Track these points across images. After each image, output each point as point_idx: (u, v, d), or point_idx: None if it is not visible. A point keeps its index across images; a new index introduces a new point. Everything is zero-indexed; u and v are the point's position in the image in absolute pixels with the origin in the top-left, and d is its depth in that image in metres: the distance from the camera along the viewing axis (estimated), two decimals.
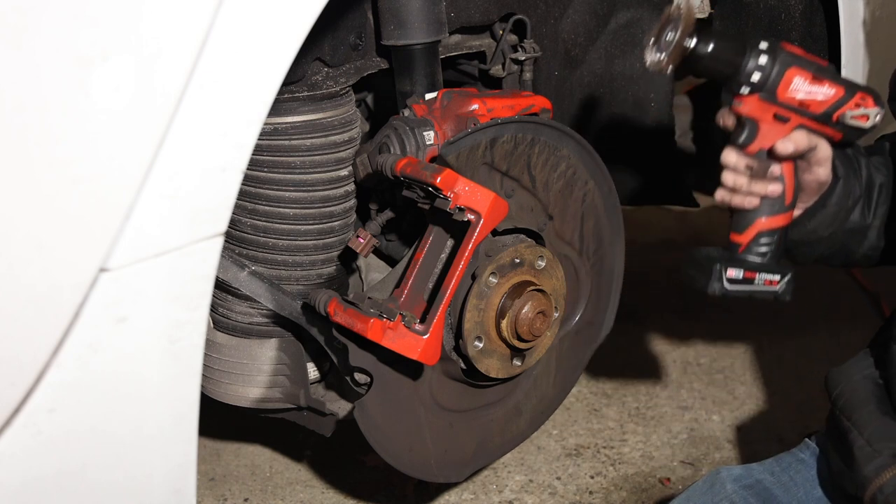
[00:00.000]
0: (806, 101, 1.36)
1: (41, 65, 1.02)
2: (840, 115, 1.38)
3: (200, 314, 1.22)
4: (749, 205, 1.42)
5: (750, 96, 1.35)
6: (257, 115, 1.20)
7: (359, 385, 1.65)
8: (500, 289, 1.61)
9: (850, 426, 1.50)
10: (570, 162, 1.73)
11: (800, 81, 1.34)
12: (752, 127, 1.38)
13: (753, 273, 1.44)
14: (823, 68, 1.37)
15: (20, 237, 1.06)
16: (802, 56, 1.36)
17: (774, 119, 1.37)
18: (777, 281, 1.46)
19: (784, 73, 1.33)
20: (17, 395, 1.10)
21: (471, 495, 2.28)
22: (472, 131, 1.57)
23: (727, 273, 1.43)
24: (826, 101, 1.37)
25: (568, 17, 1.96)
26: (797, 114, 1.37)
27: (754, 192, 1.41)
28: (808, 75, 1.35)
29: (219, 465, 2.45)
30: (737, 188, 1.42)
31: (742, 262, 1.44)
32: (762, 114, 1.36)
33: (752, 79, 1.33)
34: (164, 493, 1.29)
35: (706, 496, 1.61)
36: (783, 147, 1.38)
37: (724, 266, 1.43)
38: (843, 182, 1.50)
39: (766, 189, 1.41)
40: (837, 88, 1.37)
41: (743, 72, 1.33)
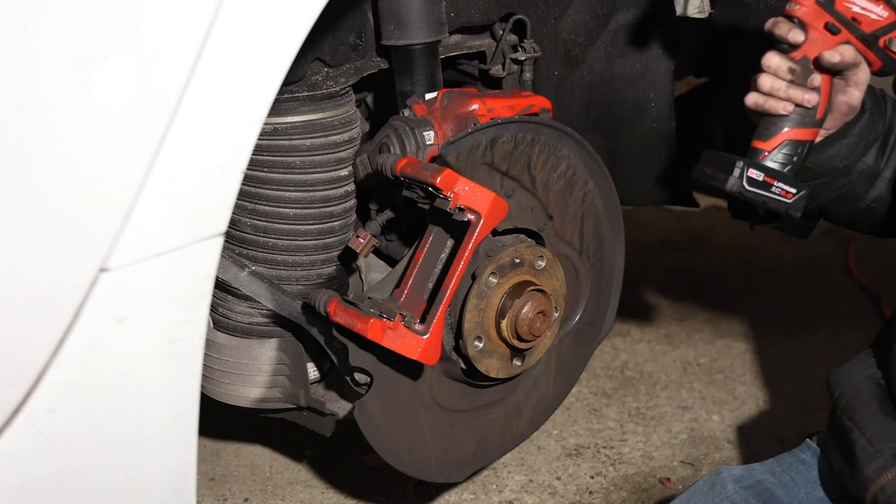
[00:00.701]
0: (859, 17, 1.36)
1: (41, 65, 1.02)
2: (887, 41, 1.39)
3: (200, 314, 1.22)
4: (783, 110, 1.42)
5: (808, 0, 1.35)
6: (257, 115, 1.20)
7: (359, 385, 1.65)
8: (500, 289, 1.61)
9: (851, 426, 1.50)
10: (570, 162, 1.73)
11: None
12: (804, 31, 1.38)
13: (772, 179, 1.45)
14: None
15: (20, 237, 1.06)
16: None
17: (825, 28, 1.37)
18: (792, 194, 1.46)
19: None
20: (17, 395, 1.10)
21: (471, 495, 2.28)
22: (472, 131, 1.57)
23: (748, 172, 1.43)
24: (878, 21, 1.37)
25: (568, 17, 1.96)
26: (848, 28, 1.37)
27: (791, 97, 1.41)
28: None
29: (219, 465, 2.45)
30: (773, 92, 1.42)
31: (762, 166, 1.45)
32: (815, 20, 1.37)
33: None
34: (164, 493, 1.29)
35: (707, 496, 1.61)
36: (830, 56, 1.38)
37: (747, 165, 1.43)
38: (869, 115, 1.50)
39: (802, 96, 1.41)
40: (891, 12, 1.38)
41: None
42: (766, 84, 1.43)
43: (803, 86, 1.41)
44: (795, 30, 1.39)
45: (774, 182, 1.45)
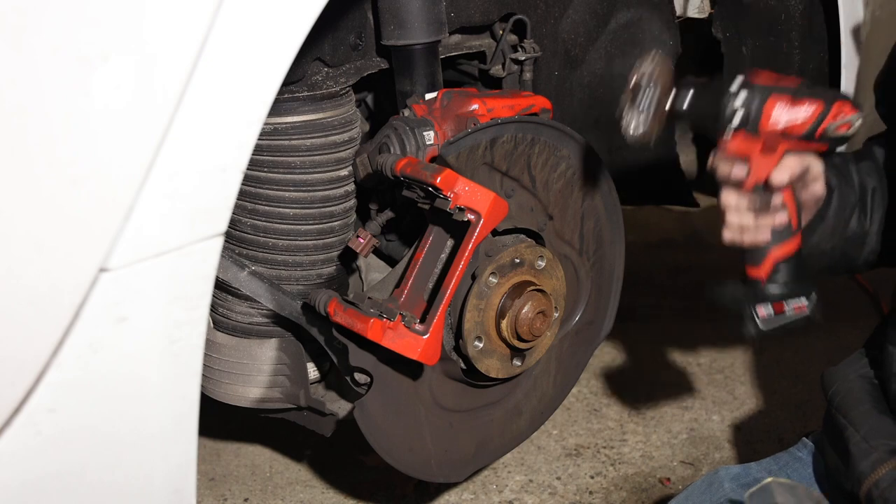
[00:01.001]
0: (789, 126, 1.36)
1: (41, 65, 1.02)
2: (823, 130, 1.38)
3: (200, 314, 1.22)
4: (762, 240, 1.42)
5: (736, 134, 1.34)
6: (257, 115, 1.20)
7: (359, 385, 1.65)
8: (500, 289, 1.61)
9: (846, 424, 1.51)
10: (570, 162, 1.73)
11: (780, 109, 1.34)
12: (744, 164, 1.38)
13: (782, 304, 1.44)
14: (798, 88, 1.36)
15: (20, 237, 1.06)
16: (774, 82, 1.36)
17: (763, 151, 1.37)
18: (805, 304, 1.47)
19: (764, 104, 1.33)
20: (17, 395, 1.10)
21: (471, 495, 2.28)
22: (472, 131, 1.57)
23: (758, 314, 1.44)
24: (808, 120, 1.36)
25: (568, 17, 1.96)
26: (783, 139, 1.37)
27: (762, 226, 1.41)
28: (787, 99, 1.34)
29: (219, 465, 2.45)
30: (744, 227, 1.42)
31: (768, 295, 1.44)
32: (751, 149, 1.36)
33: (735, 120, 1.33)
34: (164, 493, 1.29)
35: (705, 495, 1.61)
36: (779, 177, 1.38)
37: (753, 307, 1.43)
38: (838, 192, 1.51)
39: (773, 221, 1.41)
40: (816, 104, 1.37)
41: (726, 113, 1.32)
42: (733, 222, 1.43)
43: (768, 211, 1.41)
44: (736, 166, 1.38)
45: (785, 305, 1.45)
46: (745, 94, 1.32)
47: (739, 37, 2.11)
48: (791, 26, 2.05)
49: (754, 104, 1.32)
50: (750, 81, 1.33)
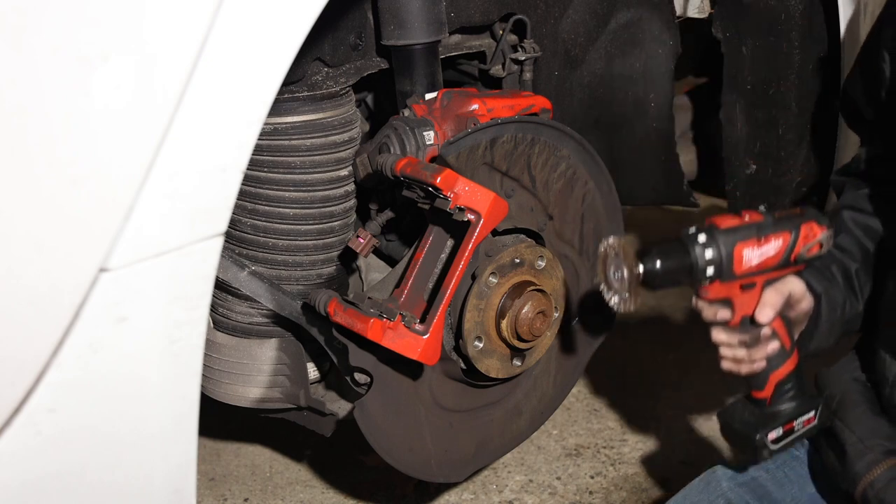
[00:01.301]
0: (762, 262, 1.37)
1: (41, 65, 1.02)
2: (796, 256, 1.40)
3: (200, 314, 1.22)
4: (758, 369, 1.45)
5: (711, 284, 1.37)
6: (257, 115, 1.20)
7: (359, 385, 1.65)
8: (500, 289, 1.61)
9: (842, 427, 1.52)
10: (570, 162, 1.73)
11: (749, 252, 1.35)
12: (727, 305, 1.40)
13: (791, 423, 1.47)
14: (762, 224, 1.37)
15: (20, 237, 1.06)
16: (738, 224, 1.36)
17: (742, 289, 1.39)
18: (813, 417, 1.49)
19: (732, 252, 1.34)
20: (17, 395, 1.10)
21: (471, 495, 2.28)
22: (472, 131, 1.57)
23: (769, 438, 1.46)
24: (779, 253, 1.38)
25: (568, 17, 1.96)
26: (760, 274, 1.39)
27: (756, 357, 1.44)
28: (753, 241, 1.36)
29: (219, 465, 2.45)
30: (739, 361, 1.45)
31: (775, 416, 1.47)
32: (730, 291, 1.38)
33: (708, 273, 1.34)
34: (164, 493, 1.29)
35: (702, 494, 1.61)
36: (763, 316, 1.40)
37: (763, 434, 1.46)
38: (825, 297, 1.53)
39: (766, 351, 1.44)
40: (783, 236, 1.38)
41: (696, 270, 1.34)
42: (728, 357, 1.46)
43: (760, 343, 1.43)
44: (720, 310, 1.41)
45: (794, 423, 1.48)
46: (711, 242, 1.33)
47: (739, 37, 2.11)
48: (791, 26, 2.05)
49: (723, 254, 1.34)
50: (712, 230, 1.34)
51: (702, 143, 2.52)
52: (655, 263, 1.31)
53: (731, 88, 2.16)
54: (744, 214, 1.37)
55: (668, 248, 1.33)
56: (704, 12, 2.15)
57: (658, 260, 1.31)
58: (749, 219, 1.37)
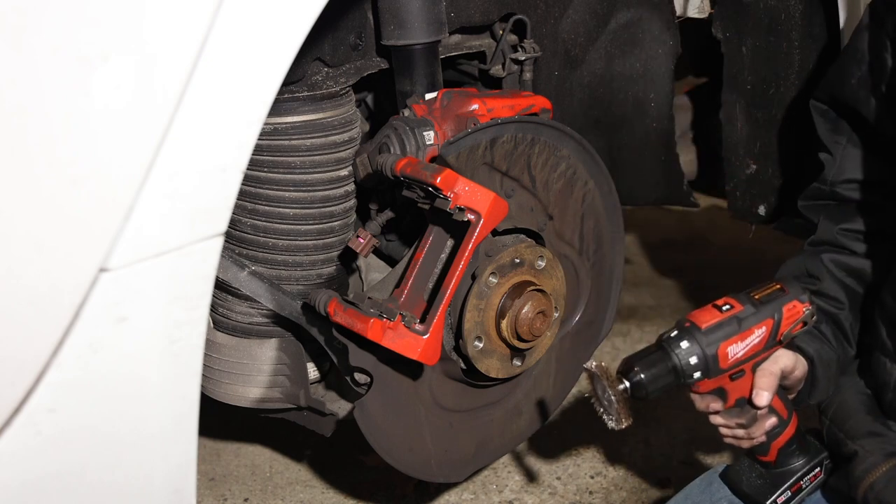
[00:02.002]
0: (748, 352, 1.37)
1: (41, 65, 1.02)
2: (783, 336, 1.40)
3: (200, 314, 1.22)
4: (759, 442, 1.48)
5: (701, 382, 1.37)
6: (257, 115, 1.20)
7: (359, 385, 1.65)
8: (500, 289, 1.61)
9: (843, 438, 1.53)
10: (570, 162, 1.73)
11: (733, 348, 1.35)
12: (721, 394, 1.41)
13: (797, 483, 1.50)
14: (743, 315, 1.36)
15: (20, 237, 1.06)
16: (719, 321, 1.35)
17: (731, 379, 1.39)
18: (819, 471, 1.52)
19: (717, 352, 1.34)
20: (17, 395, 1.10)
21: (471, 495, 2.28)
22: (472, 131, 1.57)
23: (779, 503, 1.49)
24: (763, 339, 1.38)
25: (568, 17, 1.96)
26: (747, 362, 1.39)
27: (756, 434, 1.46)
28: (736, 337, 1.35)
29: (219, 465, 2.45)
30: (739, 438, 1.47)
31: (782, 477, 1.49)
32: (719, 383, 1.39)
33: (695, 375, 1.35)
34: (164, 493, 1.29)
35: (703, 494, 1.61)
36: (761, 401, 1.40)
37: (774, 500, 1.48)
38: (818, 360, 1.53)
39: (764, 427, 1.46)
40: (765, 323, 1.37)
41: (682, 374, 1.34)
42: (729, 437, 1.48)
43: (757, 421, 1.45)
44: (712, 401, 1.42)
45: (801, 483, 1.50)
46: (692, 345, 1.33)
47: (739, 37, 2.11)
48: (791, 26, 2.05)
49: (707, 356, 1.34)
50: (692, 333, 1.34)
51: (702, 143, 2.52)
52: (640, 377, 1.32)
53: (731, 88, 2.16)
54: (722, 304, 1.37)
55: (651, 358, 1.34)
56: (704, 12, 2.15)
57: (642, 373, 1.32)
58: (729, 309, 1.36)
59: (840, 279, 1.60)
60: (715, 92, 2.22)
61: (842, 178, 1.64)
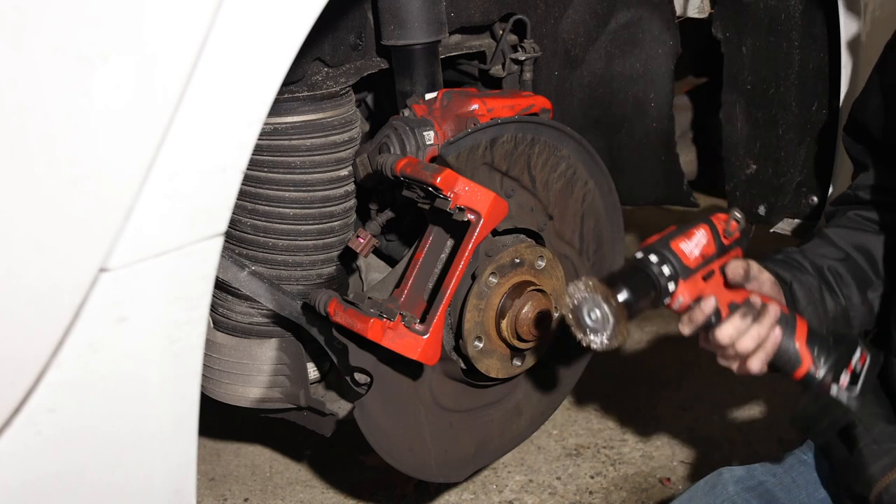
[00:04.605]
0: (702, 253, 1.40)
1: (41, 65, 1.02)
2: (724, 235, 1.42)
3: (200, 314, 1.22)
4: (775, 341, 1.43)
5: (678, 287, 1.38)
6: (257, 115, 1.20)
7: (359, 385, 1.65)
8: (500, 289, 1.61)
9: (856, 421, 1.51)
10: (570, 162, 1.73)
11: (686, 245, 1.39)
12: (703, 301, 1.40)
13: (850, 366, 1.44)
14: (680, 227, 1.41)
15: (20, 237, 1.06)
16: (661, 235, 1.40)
17: (705, 281, 1.40)
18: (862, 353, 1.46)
19: (675, 251, 1.37)
20: (17, 395, 1.10)
21: (471, 495, 2.28)
22: (472, 131, 1.57)
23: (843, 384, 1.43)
24: (709, 240, 1.41)
25: (568, 17, 1.96)
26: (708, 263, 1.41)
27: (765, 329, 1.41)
28: (682, 237, 1.39)
29: (219, 465, 2.45)
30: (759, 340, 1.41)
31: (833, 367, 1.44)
32: (696, 287, 1.40)
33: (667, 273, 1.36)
34: (164, 493, 1.29)
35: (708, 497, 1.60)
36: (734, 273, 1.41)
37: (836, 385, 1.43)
38: (797, 282, 1.53)
39: (773, 315, 1.42)
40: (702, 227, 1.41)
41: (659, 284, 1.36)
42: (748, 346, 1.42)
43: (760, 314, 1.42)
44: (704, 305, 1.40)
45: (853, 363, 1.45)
46: (657, 254, 1.36)
47: (739, 37, 2.11)
48: (791, 26, 2.05)
49: (668, 253, 1.37)
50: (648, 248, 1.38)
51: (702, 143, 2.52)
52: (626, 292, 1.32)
53: (731, 88, 2.16)
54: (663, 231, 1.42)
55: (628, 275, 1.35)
56: (704, 12, 2.15)
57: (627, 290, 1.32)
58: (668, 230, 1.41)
59: (840, 246, 1.61)
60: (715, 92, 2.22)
61: (868, 184, 1.67)
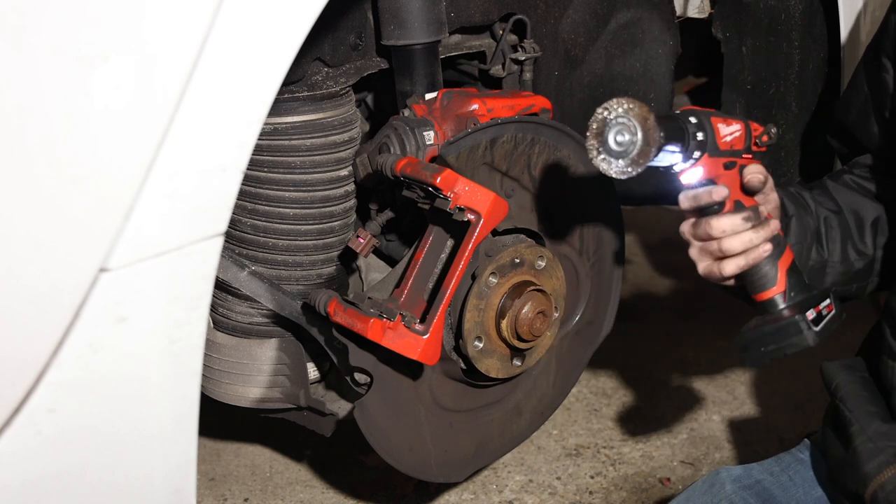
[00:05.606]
0: (733, 142, 1.38)
1: (41, 65, 1.02)
2: (756, 141, 1.41)
3: (200, 314, 1.22)
4: (765, 252, 1.39)
5: (702, 158, 1.35)
6: (257, 115, 1.20)
7: (359, 385, 1.65)
8: (500, 289, 1.61)
9: (851, 418, 1.51)
10: (569, 162, 1.73)
11: (723, 126, 1.36)
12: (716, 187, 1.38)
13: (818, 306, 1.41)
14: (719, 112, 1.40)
15: (20, 237, 1.06)
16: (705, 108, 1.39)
17: (725, 169, 1.38)
18: (832, 304, 1.43)
19: (713, 124, 1.35)
20: (17, 395, 1.10)
21: (471, 495, 2.28)
22: (472, 131, 1.57)
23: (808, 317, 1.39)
24: (741, 134, 1.39)
25: (568, 17, 1.96)
26: (734, 155, 1.39)
27: (759, 239, 1.38)
28: (721, 119, 1.37)
29: (219, 465, 2.45)
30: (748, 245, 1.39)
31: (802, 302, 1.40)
32: (716, 169, 1.37)
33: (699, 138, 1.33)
34: (164, 493, 1.29)
35: (706, 496, 1.61)
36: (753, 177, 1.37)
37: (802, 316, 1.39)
38: (797, 218, 1.53)
39: (770, 230, 1.39)
40: (739, 122, 1.40)
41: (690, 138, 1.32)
42: (735, 246, 1.38)
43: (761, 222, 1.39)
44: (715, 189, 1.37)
45: (820, 307, 1.41)
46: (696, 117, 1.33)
47: (739, 37, 2.11)
48: (791, 26, 2.05)
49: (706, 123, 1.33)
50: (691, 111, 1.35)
51: None
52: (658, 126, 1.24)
53: (731, 88, 2.16)
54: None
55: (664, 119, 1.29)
56: (704, 12, 2.15)
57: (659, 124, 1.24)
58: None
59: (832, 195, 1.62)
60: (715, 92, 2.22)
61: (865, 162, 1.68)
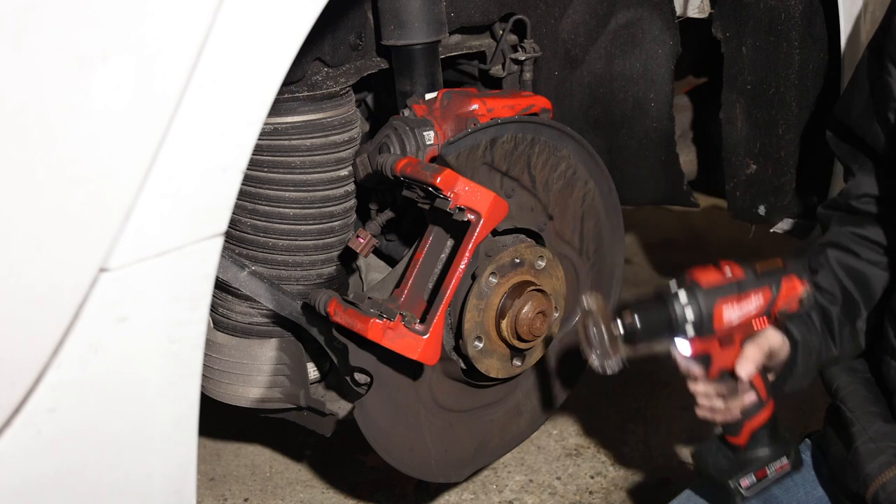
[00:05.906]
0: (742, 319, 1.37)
1: (41, 65, 1.02)
2: (778, 312, 1.39)
3: (200, 314, 1.22)
4: (733, 418, 1.44)
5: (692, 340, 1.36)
6: (257, 115, 1.20)
7: (359, 385, 1.65)
8: (500, 289, 1.61)
9: (853, 419, 1.51)
10: (570, 162, 1.73)
11: (729, 310, 1.35)
12: (706, 360, 1.39)
13: (764, 470, 1.46)
14: (743, 281, 1.36)
15: (20, 237, 1.06)
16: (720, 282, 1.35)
17: (721, 345, 1.38)
18: (786, 463, 1.48)
19: (713, 309, 1.34)
20: (17, 395, 1.10)
21: (471, 495, 2.28)
22: (472, 131, 1.57)
23: (742, 485, 1.45)
24: (759, 309, 1.38)
25: (568, 17, 1.96)
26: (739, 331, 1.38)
27: (733, 408, 1.43)
28: (733, 299, 1.35)
29: (219, 465, 2.45)
30: (715, 409, 1.44)
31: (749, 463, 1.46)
32: (708, 346, 1.38)
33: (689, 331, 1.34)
34: (164, 494, 1.29)
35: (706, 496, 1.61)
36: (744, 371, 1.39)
37: (737, 481, 1.45)
38: (802, 345, 1.52)
39: (742, 403, 1.43)
40: (763, 292, 1.37)
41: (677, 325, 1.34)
42: (705, 405, 1.44)
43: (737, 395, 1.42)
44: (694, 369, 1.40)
45: (767, 470, 1.46)
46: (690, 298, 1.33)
47: (739, 37, 2.11)
48: (791, 26, 2.05)
49: (703, 307, 1.33)
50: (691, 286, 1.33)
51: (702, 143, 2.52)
52: (635, 320, 1.31)
53: (731, 88, 2.16)
54: (724, 268, 1.36)
55: (648, 306, 1.33)
56: (704, 12, 2.15)
57: (637, 316, 1.31)
58: (731, 274, 1.36)
59: (839, 277, 1.60)
60: (715, 92, 2.22)
61: (858, 193, 1.65)
